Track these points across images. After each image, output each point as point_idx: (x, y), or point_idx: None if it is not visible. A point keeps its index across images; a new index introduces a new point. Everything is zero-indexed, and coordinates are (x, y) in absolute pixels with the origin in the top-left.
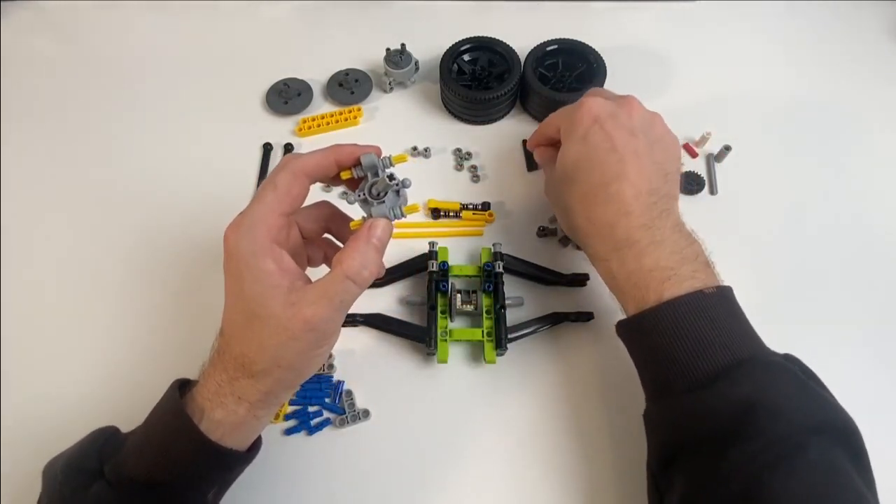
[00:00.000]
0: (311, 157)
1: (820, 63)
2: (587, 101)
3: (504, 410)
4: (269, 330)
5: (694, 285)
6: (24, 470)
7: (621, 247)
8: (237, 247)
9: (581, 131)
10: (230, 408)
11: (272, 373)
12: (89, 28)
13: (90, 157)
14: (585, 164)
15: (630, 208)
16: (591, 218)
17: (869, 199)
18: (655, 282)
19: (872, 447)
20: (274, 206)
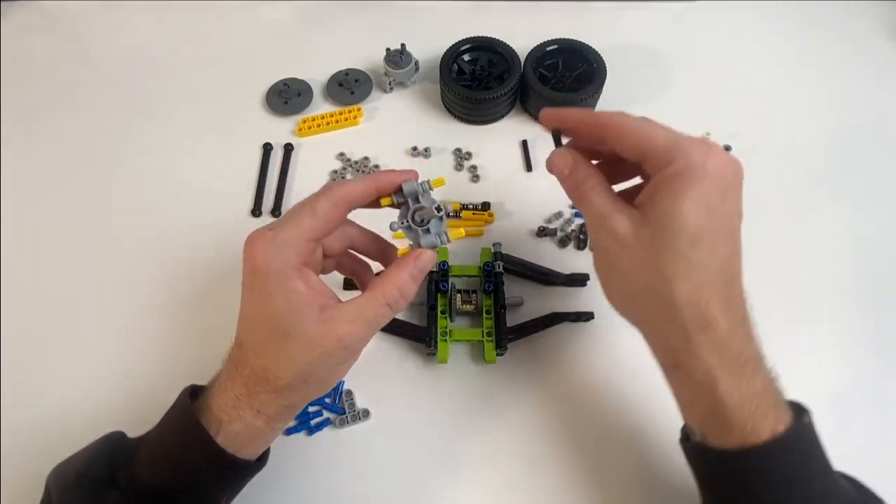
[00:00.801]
0: (353, 185)
1: (820, 63)
2: (720, 152)
3: (504, 410)
4: (299, 347)
5: (785, 410)
6: (26, 474)
7: (735, 361)
8: (267, 266)
9: (708, 190)
10: (248, 420)
11: (297, 388)
12: (89, 28)
13: (90, 157)
14: (707, 238)
15: (745, 316)
16: (703, 317)
17: (869, 198)
18: (771, 407)
19: (873, 448)
20: (309, 231)
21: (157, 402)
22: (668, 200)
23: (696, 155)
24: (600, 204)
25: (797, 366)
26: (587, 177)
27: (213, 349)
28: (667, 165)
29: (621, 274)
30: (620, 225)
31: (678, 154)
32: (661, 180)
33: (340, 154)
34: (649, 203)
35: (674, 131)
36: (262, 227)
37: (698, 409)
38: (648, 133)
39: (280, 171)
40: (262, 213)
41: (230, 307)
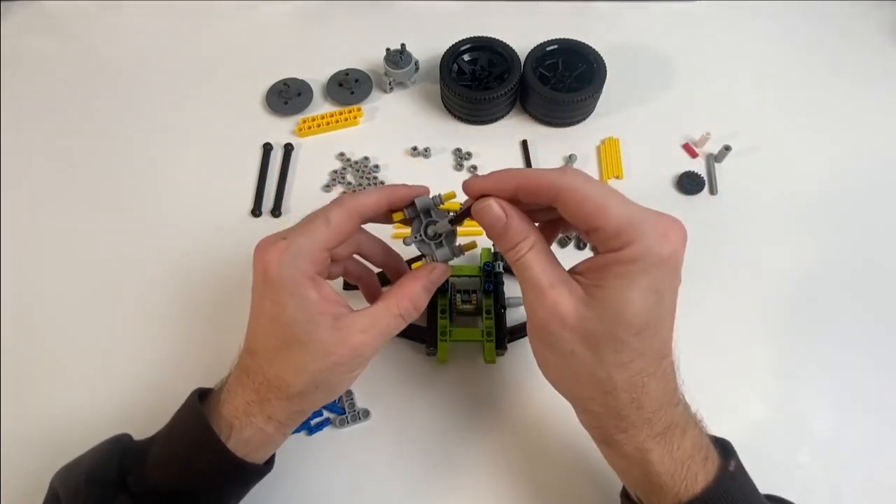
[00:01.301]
0: (367, 197)
1: (820, 63)
2: (675, 231)
3: (504, 410)
4: (313, 355)
5: (713, 461)
6: (27, 473)
7: (665, 432)
8: (280, 275)
9: (660, 279)
10: (259, 426)
11: (309, 394)
12: (89, 28)
13: (90, 157)
14: (652, 327)
15: (672, 388)
16: (638, 399)
17: (869, 198)
18: (700, 467)
19: (872, 448)
20: (323, 241)
21: (159, 403)
22: (619, 289)
23: (652, 241)
24: (539, 272)
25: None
26: (524, 236)
27: (214, 349)
28: (620, 247)
29: (558, 353)
30: (563, 303)
31: (633, 238)
32: (612, 262)
33: (340, 154)
34: (595, 284)
35: (630, 206)
36: (274, 235)
37: (633, 478)
38: (602, 206)
39: (280, 172)
40: (262, 213)
41: (230, 307)
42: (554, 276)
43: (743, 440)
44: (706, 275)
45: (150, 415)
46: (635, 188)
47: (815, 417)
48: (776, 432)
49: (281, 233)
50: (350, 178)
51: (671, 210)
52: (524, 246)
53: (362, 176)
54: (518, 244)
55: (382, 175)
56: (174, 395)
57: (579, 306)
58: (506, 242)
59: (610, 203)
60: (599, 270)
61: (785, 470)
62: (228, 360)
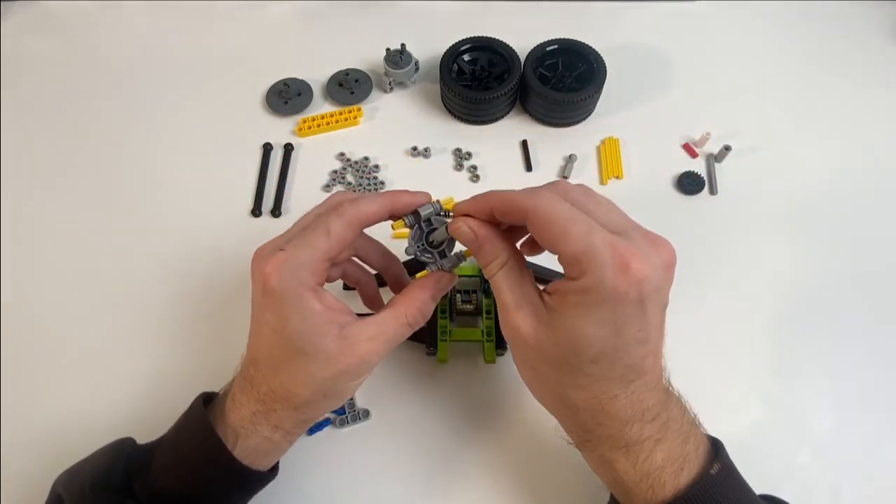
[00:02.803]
0: (367, 206)
1: (820, 63)
2: (638, 268)
3: (504, 410)
4: (319, 365)
5: (690, 470)
6: (28, 475)
7: (632, 445)
8: (281, 286)
9: (618, 312)
10: (265, 435)
11: (316, 403)
12: (89, 28)
13: (90, 158)
14: (610, 356)
15: (646, 406)
16: (598, 418)
17: (869, 198)
18: (670, 476)
19: (873, 448)
20: (323, 251)
21: (159, 403)
22: (572, 318)
23: (607, 275)
24: (507, 292)
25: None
26: (494, 256)
27: (214, 349)
28: (576, 276)
29: (525, 367)
30: (523, 325)
31: (587, 269)
32: (569, 289)
33: (340, 154)
34: (555, 308)
35: (596, 234)
36: (272, 243)
37: (605, 479)
38: (563, 232)
39: (280, 171)
40: (262, 213)
41: (230, 307)
42: (520, 297)
43: (743, 440)
44: (706, 275)
45: (148, 414)
46: (635, 188)
47: (815, 417)
48: (776, 432)
49: (279, 241)
50: (350, 178)
51: (671, 210)
52: (495, 266)
53: (362, 176)
54: (489, 263)
55: (382, 175)
56: (174, 396)
57: (539, 329)
58: (480, 260)
59: (571, 229)
60: (560, 295)
61: (785, 470)
62: (229, 360)
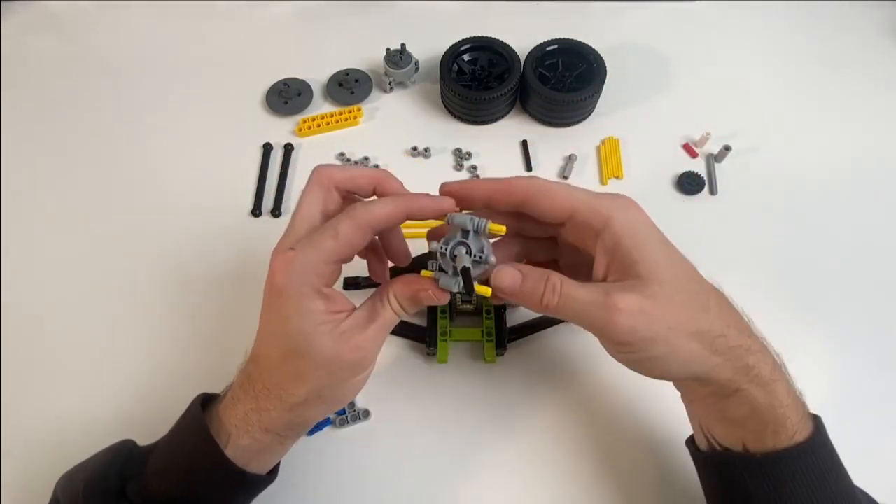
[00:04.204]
0: (379, 209)
1: (820, 63)
2: (620, 197)
3: (504, 410)
4: (315, 364)
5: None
6: (34, 476)
7: (777, 367)
8: (285, 286)
9: (653, 227)
10: (256, 437)
11: (311, 404)
12: (90, 28)
13: (90, 157)
14: (683, 261)
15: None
16: (726, 318)
17: (869, 198)
18: (802, 412)
19: (874, 448)
20: (330, 253)
21: (158, 403)
22: (644, 259)
23: (622, 208)
24: (586, 294)
25: None
26: (546, 275)
27: (214, 349)
28: (600, 225)
29: (661, 342)
30: (630, 300)
31: (610, 211)
32: (615, 242)
33: (340, 154)
34: (625, 266)
35: (584, 190)
36: (285, 242)
37: (739, 413)
38: (570, 195)
39: (280, 171)
40: (262, 213)
41: (230, 307)
42: (598, 288)
43: None
44: (705, 274)
45: (146, 414)
46: (635, 188)
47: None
48: None
49: (291, 240)
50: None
51: (671, 210)
52: (552, 283)
53: None
54: (546, 285)
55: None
56: (173, 395)
57: (638, 290)
58: (531, 290)
59: (571, 191)
60: (614, 255)
61: None
62: (229, 360)
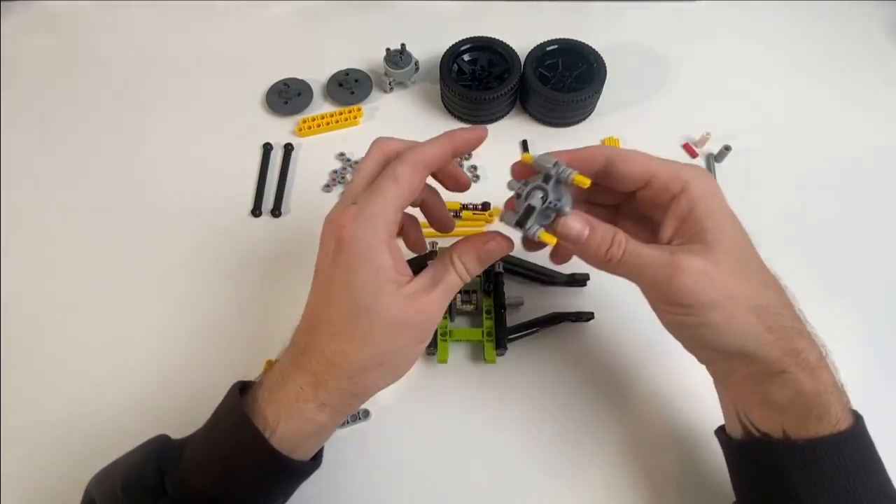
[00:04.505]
0: (430, 148)
1: (820, 63)
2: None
3: (504, 410)
4: (381, 324)
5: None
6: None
7: (821, 353)
8: (354, 239)
9: (722, 198)
10: (308, 415)
11: (371, 371)
12: (90, 28)
13: (90, 157)
14: (746, 238)
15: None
16: (781, 299)
17: (870, 197)
18: (845, 401)
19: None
20: (395, 199)
21: (160, 404)
22: (717, 221)
23: (700, 177)
24: (651, 252)
25: None
26: (614, 230)
27: (214, 350)
28: (677, 190)
29: (718, 307)
30: (696, 262)
31: (688, 177)
32: (690, 206)
33: (340, 154)
34: (695, 231)
35: (664, 158)
36: (341, 202)
37: (795, 407)
38: (648, 160)
39: (280, 171)
40: (262, 213)
41: (230, 307)
42: (663, 249)
43: None
44: None
45: (146, 414)
46: None
47: None
48: None
49: (347, 198)
50: (350, 178)
51: None
52: (618, 240)
53: None
54: (612, 240)
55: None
56: (172, 396)
57: (705, 254)
58: (597, 244)
59: (650, 158)
60: (684, 220)
61: None
62: (229, 359)
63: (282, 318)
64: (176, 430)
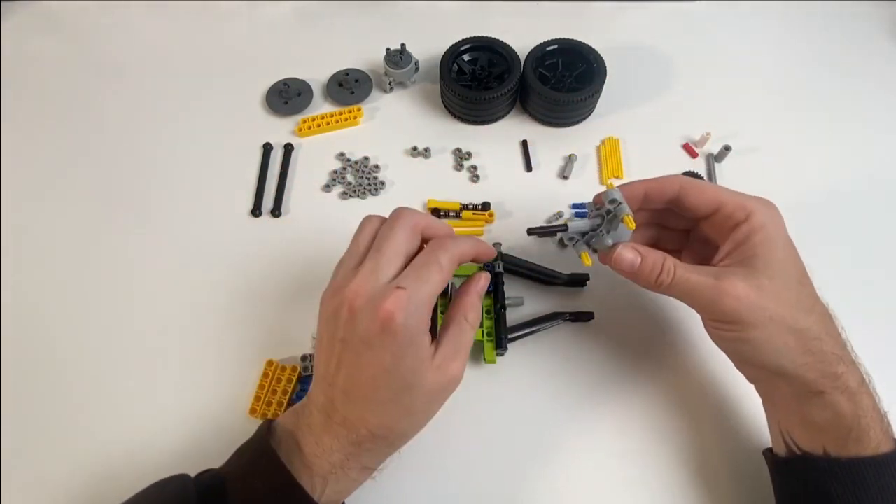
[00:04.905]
0: (466, 245)
1: (820, 63)
2: (765, 201)
3: (504, 410)
4: (422, 399)
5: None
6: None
7: (864, 379)
8: (406, 327)
9: (785, 232)
10: (352, 477)
11: (410, 436)
12: (90, 28)
13: (90, 158)
14: (802, 270)
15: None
16: (825, 325)
17: (869, 199)
18: (886, 424)
19: None
20: (439, 287)
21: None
22: (770, 249)
23: (765, 208)
24: (698, 277)
25: None
26: (663, 257)
27: (213, 350)
28: (743, 218)
29: (761, 327)
30: (739, 287)
31: (753, 208)
32: (749, 234)
33: (340, 154)
34: (746, 256)
35: (729, 190)
36: (378, 277)
37: (822, 420)
38: (717, 191)
39: (280, 171)
40: (262, 213)
41: (229, 308)
42: (709, 272)
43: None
44: None
45: (145, 413)
46: None
47: None
48: None
49: (382, 274)
50: (350, 179)
51: None
52: (667, 266)
53: (362, 176)
54: (662, 267)
55: (382, 175)
56: (172, 396)
57: (749, 279)
58: (649, 271)
59: (720, 189)
60: (740, 245)
61: None
62: (229, 359)
63: (281, 318)
64: (171, 426)
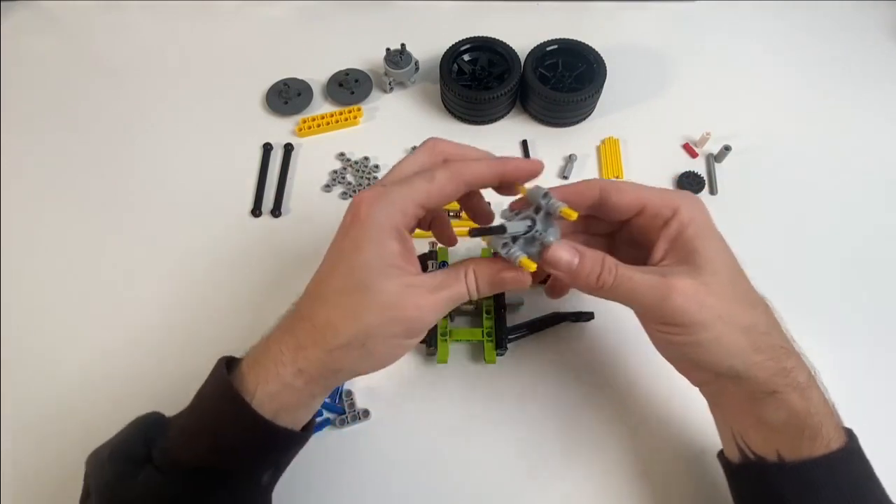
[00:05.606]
0: (477, 167)
1: (820, 63)
2: (689, 195)
3: (504, 410)
4: (372, 304)
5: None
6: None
7: (812, 375)
8: (368, 216)
9: (712, 225)
10: (286, 380)
11: (351, 350)
12: (90, 28)
13: (90, 158)
14: (735, 263)
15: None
16: (769, 320)
17: (870, 196)
18: (835, 421)
19: (874, 446)
20: (420, 194)
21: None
22: (706, 244)
23: (690, 201)
24: (643, 276)
25: None
26: (603, 255)
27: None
28: (669, 214)
29: (707, 327)
30: (687, 284)
31: (679, 202)
32: (680, 231)
33: (340, 154)
34: (686, 253)
35: (653, 187)
36: (375, 184)
37: (776, 419)
38: (639, 189)
39: (280, 171)
40: (262, 213)
41: (229, 308)
42: (653, 270)
43: None
44: None
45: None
46: None
47: None
48: None
49: (382, 179)
50: (350, 178)
51: None
52: (608, 265)
53: (362, 176)
54: (603, 267)
55: (382, 175)
56: (172, 396)
57: (694, 276)
58: (588, 271)
59: (641, 187)
60: (675, 242)
61: None
62: None
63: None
64: None
